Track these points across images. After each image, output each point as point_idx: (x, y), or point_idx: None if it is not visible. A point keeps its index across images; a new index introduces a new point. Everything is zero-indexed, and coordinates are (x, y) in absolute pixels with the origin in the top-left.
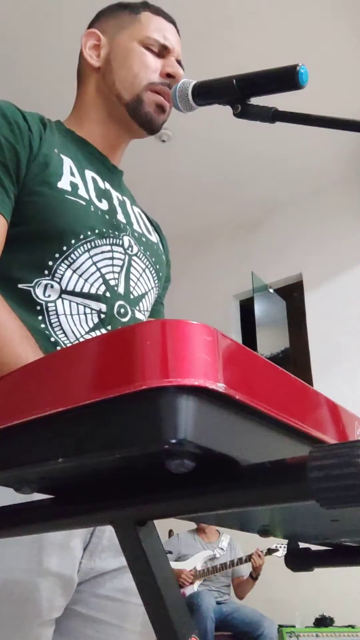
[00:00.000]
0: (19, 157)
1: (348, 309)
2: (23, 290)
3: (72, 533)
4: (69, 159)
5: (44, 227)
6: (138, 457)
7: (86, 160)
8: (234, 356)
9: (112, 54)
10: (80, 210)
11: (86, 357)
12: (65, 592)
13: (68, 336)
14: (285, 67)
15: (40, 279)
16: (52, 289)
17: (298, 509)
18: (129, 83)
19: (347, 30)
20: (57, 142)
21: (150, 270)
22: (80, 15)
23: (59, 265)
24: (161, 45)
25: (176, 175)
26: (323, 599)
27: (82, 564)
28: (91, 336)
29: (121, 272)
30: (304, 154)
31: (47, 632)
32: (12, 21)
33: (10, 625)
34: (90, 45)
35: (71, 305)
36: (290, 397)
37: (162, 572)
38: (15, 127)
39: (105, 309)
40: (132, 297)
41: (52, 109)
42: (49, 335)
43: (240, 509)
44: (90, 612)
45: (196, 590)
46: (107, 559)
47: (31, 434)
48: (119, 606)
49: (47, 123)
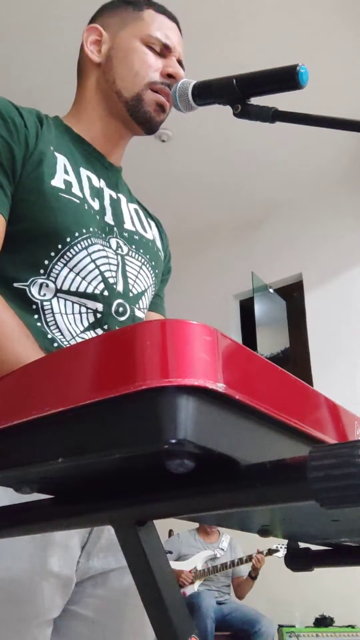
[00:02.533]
0: (14, 155)
1: (348, 309)
2: (18, 289)
3: (71, 532)
4: (63, 156)
5: (38, 225)
6: (138, 457)
7: (82, 158)
8: (234, 356)
9: (114, 51)
10: (74, 208)
11: (86, 357)
12: (64, 592)
13: (64, 334)
14: (285, 67)
15: (35, 278)
16: (47, 288)
17: (298, 509)
18: (130, 81)
19: (348, 30)
20: (53, 139)
21: (147, 267)
22: (81, 10)
23: (55, 264)
24: (163, 44)
25: (176, 175)
26: (323, 599)
27: (80, 563)
28: (87, 335)
29: (118, 270)
30: (304, 154)
31: (44, 633)
32: (12, 16)
33: (7, 626)
34: (91, 40)
35: (66, 304)
36: (290, 397)
37: (162, 572)
38: (11, 124)
39: (102, 308)
40: (131, 295)
41: (51, 104)
42: (46, 332)
43: (240, 509)
44: (89, 613)
45: (196, 590)
46: (106, 558)
47: (31, 434)
48: (117, 606)
49: (44, 119)
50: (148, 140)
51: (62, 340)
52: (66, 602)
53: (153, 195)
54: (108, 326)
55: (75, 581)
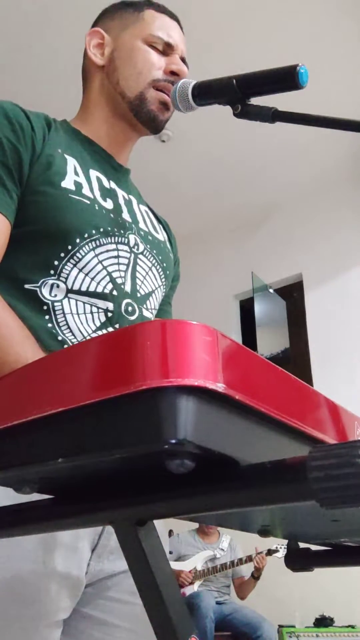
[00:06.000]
0: (21, 158)
1: (348, 309)
2: (29, 290)
3: (80, 535)
4: (73, 158)
5: (48, 226)
6: (138, 457)
7: (91, 160)
8: (234, 356)
9: (116, 53)
10: (84, 209)
11: (86, 357)
12: (72, 593)
13: (75, 335)
14: (285, 67)
15: (46, 278)
16: (58, 288)
17: (298, 509)
18: (133, 81)
19: (348, 30)
20: (62, 141)
21: (157, 268)
22: (84, 14)
23: (64, 264)
24: (165, 42)
25: (176, 175)
26: (323, 599)
27: (91, 565)
28: (98, 335)
29: (127, 270)
30: (304, 154)
31: (54, 633)
32: (15, 20)
33: (16, 626)
34: (94, 43)
35: (77, 304)
36: (290, 397)
37: (162, 572)
38: (18, 127)
39: (113, 307)
40: (139, 295)
41: (60, 109)
42: (56, 334)
43: (240, 509)
44: (99, 615)
45: (196, 590)
46: (116, 560)
47: (31, 434)
48: (128, 608)
49: (52, 123)
50: (148, 140)
51: (73, 341)
52: (76, 603)
53: (153, 195)
54: (119, 325)
55: (85, 583)
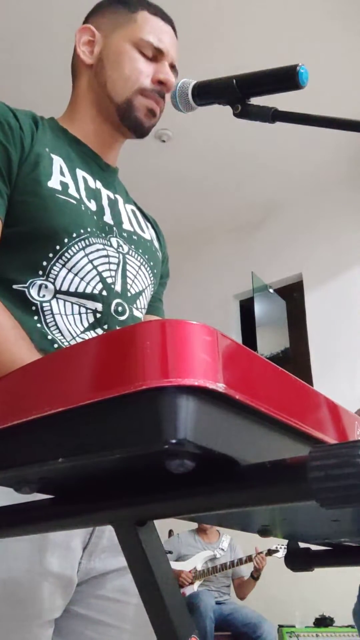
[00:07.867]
0: (10, 157)
1: (348, 309)
2: (18, 291)
3: (72, 533)
4: (59, 157)
5: (36, 226)
6: (138, 457)
7: (78, 159)
8: (234, 356)
9: (105, 53)
10: (71, 209)
11: (86, 357)
12: (65, 592)
13: (64, 335)
14: (285, 67)
15: (34, 279)
16: (47, 289)
17: (298, 509)
18: (120, 87)
19: (348, 30)
20: (49, 140)
21: (145, 267)
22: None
23: (53, 265)
24: (155, 48)
25: (176, 175)
26: (323, 599)
27: (82, 564)
28: (87, 335)
29: (118, 269)
30: (304, 154)
31: (46, 633)
32: (7, 18)
33: (9, 626)
34: (84, 41)
35: (66, 305)
36: (290, 397)
37: (162, 572)
38: (6, 126)
39: (102, 307)
40: (129, 294)
41: (47, 107)
42: (46, 333)
43: (240, 509)
44: (90, 613)
45: (196, 590)
46: (107, 559)
47: (31, 434)
48: (119, 607)
49: (39, 121)
50: (148, 140)
51: (63, 341)
52: (67, 602)
53: (153, 195)
54: (108, 326)
55: (76, 582)
